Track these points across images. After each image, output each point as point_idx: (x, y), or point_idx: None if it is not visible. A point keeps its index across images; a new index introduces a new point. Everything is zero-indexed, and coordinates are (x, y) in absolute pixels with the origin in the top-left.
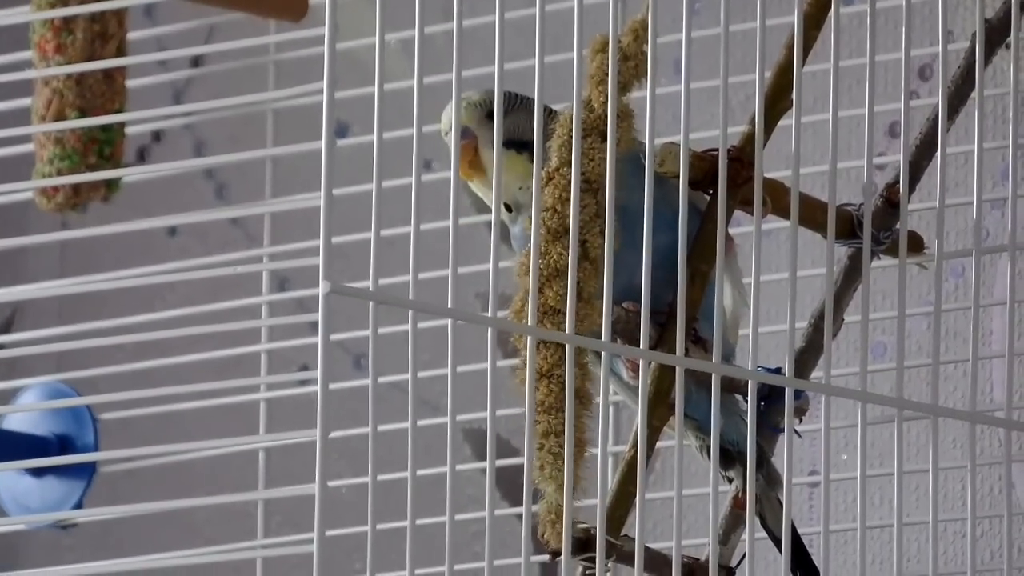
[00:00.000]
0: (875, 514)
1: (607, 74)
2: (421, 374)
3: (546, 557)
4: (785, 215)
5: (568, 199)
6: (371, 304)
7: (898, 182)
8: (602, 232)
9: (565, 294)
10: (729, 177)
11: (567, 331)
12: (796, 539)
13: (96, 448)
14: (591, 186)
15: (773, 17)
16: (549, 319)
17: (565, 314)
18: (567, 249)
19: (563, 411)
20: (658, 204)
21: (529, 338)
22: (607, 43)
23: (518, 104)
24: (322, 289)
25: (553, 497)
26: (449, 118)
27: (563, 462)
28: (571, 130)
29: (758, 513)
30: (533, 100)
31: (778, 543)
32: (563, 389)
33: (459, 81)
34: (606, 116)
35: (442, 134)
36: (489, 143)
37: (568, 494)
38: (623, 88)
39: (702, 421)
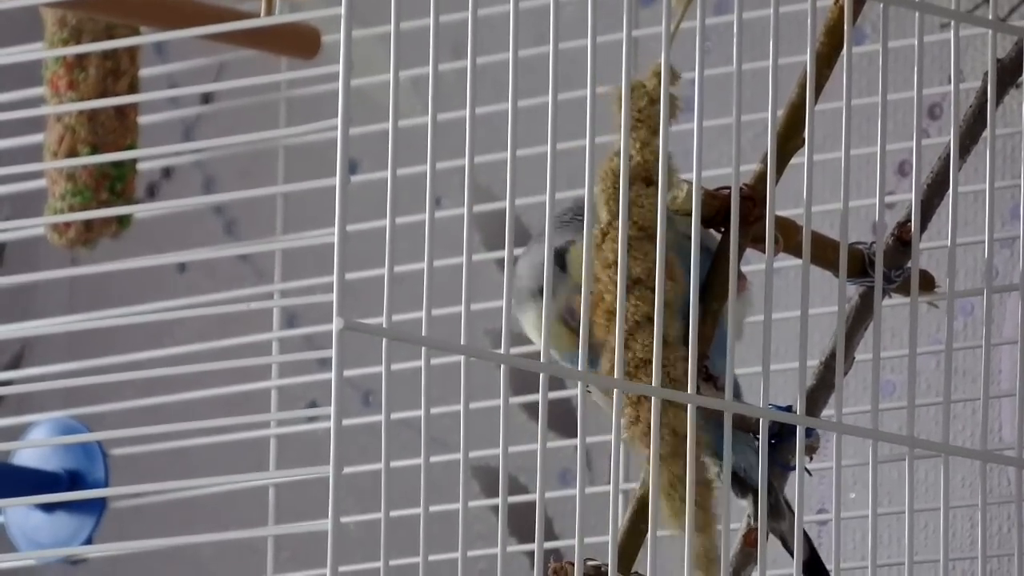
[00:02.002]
0: (883, 552)
1: (638, 120)
2: (432, 411)
3: None
4: (796, 253)
5: (628, 250)
6: (384, 341)
7: (909, 220)
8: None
9: (651, 343)
10: (741, 215)
11: (653, 383)
12: (814, 557)
13: (106, 484)
14: (646, 233)
15: (785, 56)
16: (642, 371)
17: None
18: (641, 300)
19: (680, 458)
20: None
21: (616, 391)
22: (634, 88)
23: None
24: (336, 326)
25: (699, 541)
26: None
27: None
28: (613, 183)
29: (778, 535)
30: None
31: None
32: (676, 436)
33: (473, 118)
34: (646, 162)
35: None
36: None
37: (691, 531)
38: (655, 133)
39: (713, 443)
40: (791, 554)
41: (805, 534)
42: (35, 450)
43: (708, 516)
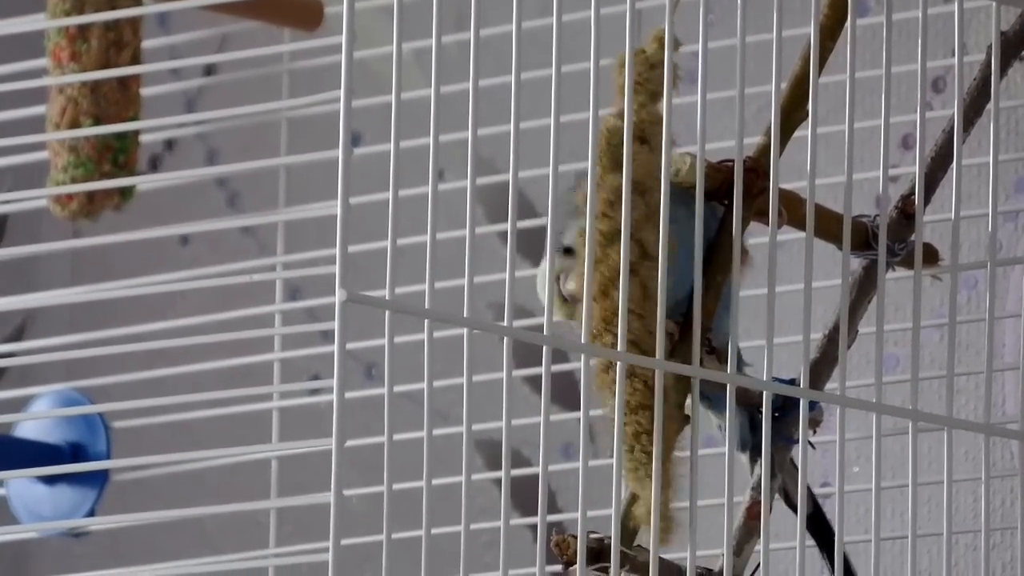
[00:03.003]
0: (886, 526)
1: (638, 82)
2: (435, 384)
3: (559, 567)
4: (800, 226)
5: (616, 202)
6: (387, 313)
7: (913, 194)
8: (656, 229)
9: (635, 292)
10: (744, 188)
11: (619, 348)
12: (819, 513)
13: (109, 456)
14: (637, 187)
15: (789, 28)
16: (613, 325)
17: (640, 314)
18: (618, 253)
19: (649, 410)
20: (678, 216)
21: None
22: (635, 55)
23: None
24: (339, 297)
25: (648, 496)
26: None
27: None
28: (609, 140)
29: (780, 489)
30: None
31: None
32: (647, 387)
33: (476, 90)
34: (641, 121)
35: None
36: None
37: (657, 491)
38: (653, 96)
39: (714, 401)
40: (792, 509)
41: (809, 490)
42: (37, 422)
43: (669, 475)
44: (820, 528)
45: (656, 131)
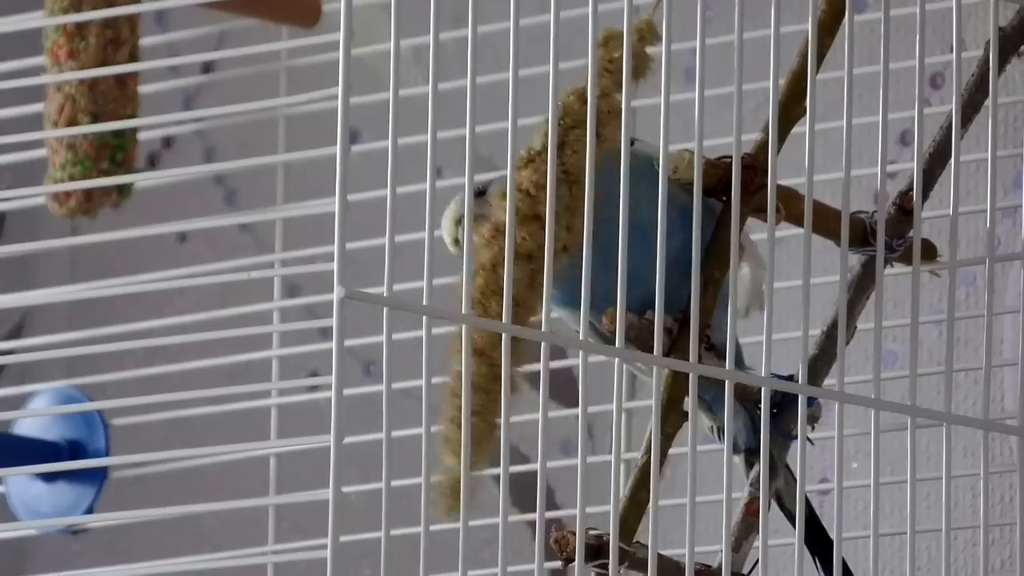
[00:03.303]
0: (885, 522)
1: (607, 69)
2: (433, 380)
3: (558, 564)
4: (798, 222)
5: (543, 186)
6: (385, 310)
7: (911, 190)
8: (572, 227)
9: (522, 278)
10: (743, 184)
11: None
12: (813, 518)
13: (107, 453)
14: (568, 177)
15: (787, 24)
16: (494, 300)
17: (519, 301)
18: (530, 236)
19: (488, 393)
20: (672, 212)
21: (465, 327)
22: (611, 37)
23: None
24: (337, 294)
25: (451, 468)
26: (449, 223)
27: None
28: (557, 120)
29: (775, 496)
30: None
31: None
32: (492, 369)
33: (474, 87)
34: (600, 113)
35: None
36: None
37: (465, 466)
38: (618, 85)
39: (711, 402)
40: (786, 514)
41: (807, 499)
42: (36, 420)
43: (483, 455)
44: (816, 537)
45: (612, 124)
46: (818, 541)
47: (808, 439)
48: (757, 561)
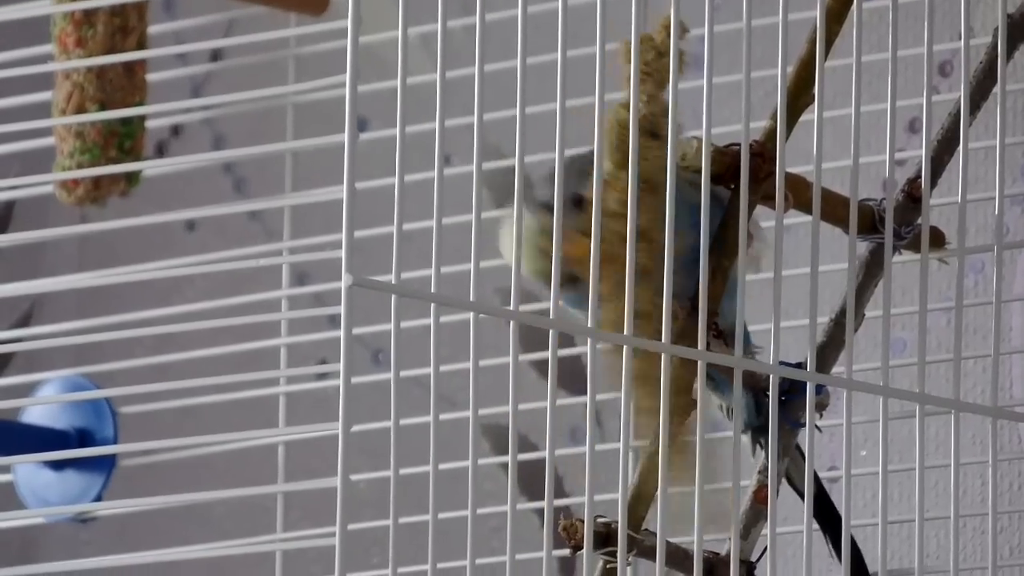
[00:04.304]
0: (893, 510)
1: (645, 73)
2: (441, 368)
3: (566, 552)
4: (806, 210)
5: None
6: (394, 298)
7: (919, 177)
8: (655, 238)
9: (648, 297)
10: (751, 172)
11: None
12: (823, 496)
13: (116, 441)
14: (648, 186)
15: (795, 12)
16: (637, 322)
17: (648, 317)
18: (641, 251)
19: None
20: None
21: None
22: (641, 39)
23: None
24: (345, 282)
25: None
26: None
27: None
28: (619, 134)
29: (784, 475)
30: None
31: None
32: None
33: (482, 75)
34: (652, 115)
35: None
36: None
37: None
38: (660, 84)
39: (720, 383)
40: (796, 491)
41: (815, 474)
42: (44, 408)
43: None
44: (825, 513)
45: (666, 123)
46: (829, 519)
47: (816, 427)
48: (766, 548)
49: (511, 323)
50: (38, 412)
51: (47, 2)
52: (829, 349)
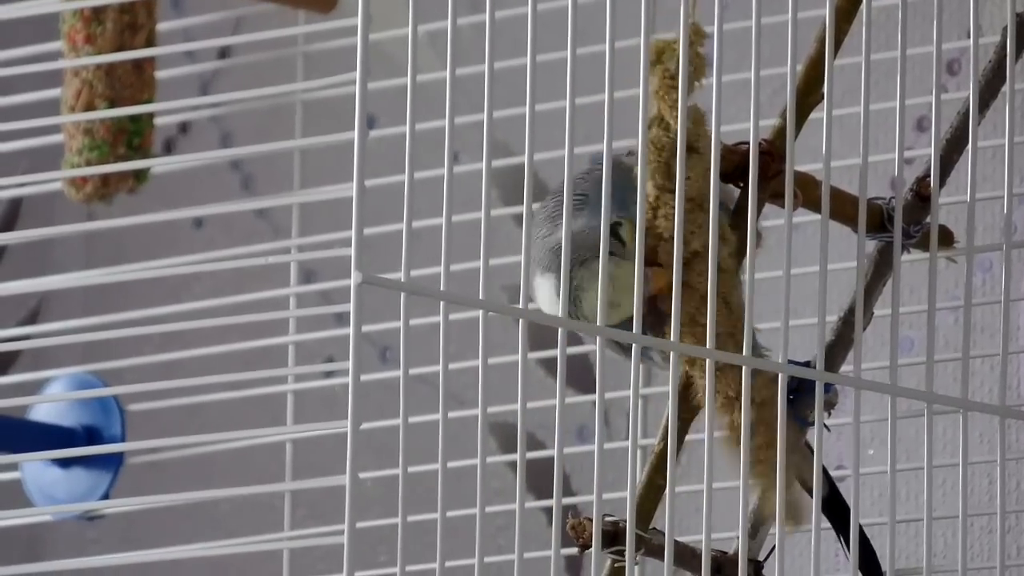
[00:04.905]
0: (901, 509)
1: (671, 86)
2: (450, 367)
3: (575, 550)
4: (815, 208)
5: (685, 224)
6: (402, 295)
7: (928, 176)
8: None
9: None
10: (760, 170)
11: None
12: (833, 490)
13: (123, 439)
14: (695, 203)
15: (804, 10)
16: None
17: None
18: (702, 275)
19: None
20: None
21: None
22: (663, 50)
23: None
24: (354, 279)
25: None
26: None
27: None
28: (657, 156)
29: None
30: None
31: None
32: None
33: (491, 73)
34: (687, 129)
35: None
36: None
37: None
38: (688, 92)
39: None
40: (807, 491)
41: (825, 471)
42: (52, 405)
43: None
44: (836, 509)
45: (702, 133)
46: (841, 517)
47: (825, 425)
48: (773, 547)
49: (520, 321)
50: (45, 410)
51: None
52: (838, 348)
